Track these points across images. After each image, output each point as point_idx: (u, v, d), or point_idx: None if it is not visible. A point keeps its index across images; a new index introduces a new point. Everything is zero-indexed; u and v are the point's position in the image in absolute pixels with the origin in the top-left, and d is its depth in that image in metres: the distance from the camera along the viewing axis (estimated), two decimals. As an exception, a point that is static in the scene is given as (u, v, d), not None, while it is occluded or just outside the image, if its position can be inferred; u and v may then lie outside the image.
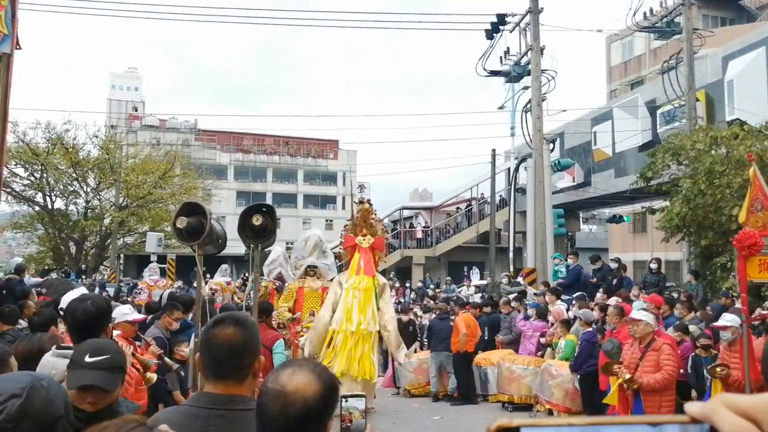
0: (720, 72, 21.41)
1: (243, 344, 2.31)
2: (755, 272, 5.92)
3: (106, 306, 3.82)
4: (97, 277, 28.77)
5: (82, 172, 33.76)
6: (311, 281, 12.19)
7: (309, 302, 12.06)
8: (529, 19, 20.01)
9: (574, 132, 29.05)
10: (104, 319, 3.74)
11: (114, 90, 66.72)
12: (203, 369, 2.35)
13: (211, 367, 2.31)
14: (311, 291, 12.10)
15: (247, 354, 2.32)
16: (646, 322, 7.90)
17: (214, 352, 2.30)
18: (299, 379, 1.87)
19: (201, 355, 2.36)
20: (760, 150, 13.13)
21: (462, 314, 12.79)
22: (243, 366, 2.30)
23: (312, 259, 12.45)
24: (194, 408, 2.28)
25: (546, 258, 19.34)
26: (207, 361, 2.32)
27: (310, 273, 12.30)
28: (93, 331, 3.55)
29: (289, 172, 64.11)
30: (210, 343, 2.31)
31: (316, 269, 12.33)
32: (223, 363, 2.28)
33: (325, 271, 12.54)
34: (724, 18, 38.42)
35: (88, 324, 3.61)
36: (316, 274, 12.31)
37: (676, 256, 25.76)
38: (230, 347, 2.28)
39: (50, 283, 14.61)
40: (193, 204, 4.22)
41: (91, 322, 3.63)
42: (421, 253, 35.95)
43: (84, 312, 3.65)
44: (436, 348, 12.72)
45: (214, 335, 2.32)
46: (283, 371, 1.90)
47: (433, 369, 12.79)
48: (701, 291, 13.56)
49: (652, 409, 7.64)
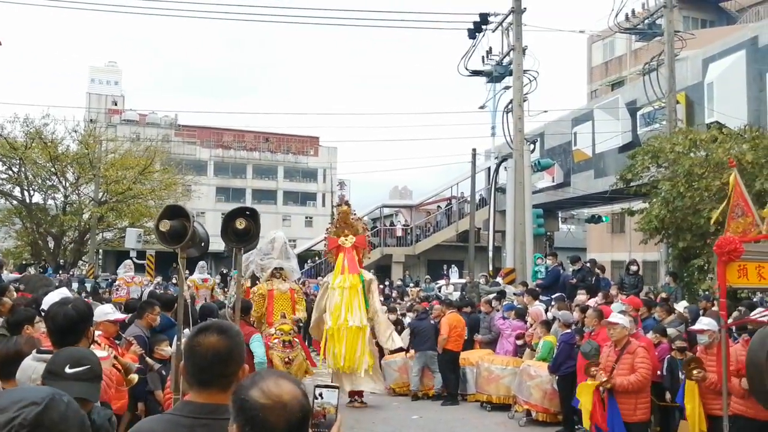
0: (700, 74, 21.62)
1: (227, 352, 2.29)
2: (734, 278, 5.98)
3: (87, 310, 3.78)
4: (75, 272, 28.53)
5: (61, 166, 33.44)
6: (279, 283, 12.00)
7: (279, 304, 11.85)
8: (512, 19, 20.08)
9: (555, 132, 29.23)
10: (85, 323, 3.70)
11: (93, 84, 65.88)
12: (187, 377, 2.33)
13: (194, 374, 2.29)
14: (280, 293, 11.89)
15: (232, 362, 2.30)
16: (623, 325, 7.98)
17: (197, 359, 2.28)
18: (287, 387, 1.87)
19: (185, 363, 2.34)
20: (738, 153, 13.27)
21: (448, 315, 12.83)
22: (227, 374, 2.28)
23: (279, 261, 12.26)
24: (178, 417, 2.27)
25: (525, 258, 19.44)
26: (191, 369, 2.30)
27: (276, 275, 12.12)
28: (74, 335, 3.53)
29: (270, 169, 63.91)
30: (194, 351, 2.30)
31: (283, 271, 12.16)
32: (206, 371, 2.27)
33: (290, 272, 12.39)
34: (704, 20, 38.85)
35: (69, 328, 3.58)
36: (282, 275, 12.13)
37: (654, 257, 26.02)
38: (214, 355, 2.27)
39: (28, 278, 14.45)
40: (176, 207, 4.21)
41: (72, 326, 3.59)
42: (400, 251, 36.04)
43: (65, 316, 3.61)
44: (420, 347, 12.75)
45: (198, 343, 2.30)
46: (265, 383, 1.87)
47: (415, 368, 12.79)
48: (680, 293, 13.70)
49: (628, 410, 7.72)
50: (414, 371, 12.83)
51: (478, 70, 22.51)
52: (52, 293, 4.45)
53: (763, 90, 19.26)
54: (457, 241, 34.95)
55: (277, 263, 12.17)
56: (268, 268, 12.27)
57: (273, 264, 12.19)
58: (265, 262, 12.36)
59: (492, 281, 19.29)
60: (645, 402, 7.90)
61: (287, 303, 11.83)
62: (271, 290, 11.92)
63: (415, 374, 12.82)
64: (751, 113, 19.23)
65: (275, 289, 11.90)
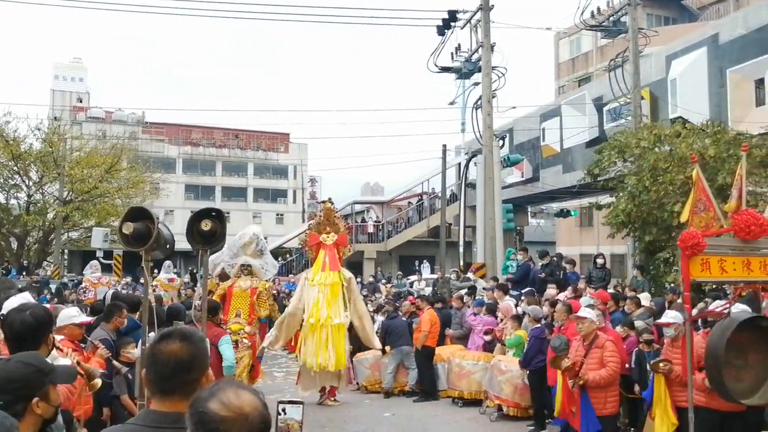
0: (664, 71, 21.95)
1: (190, 359, 2.25)
2: (697, 271, 6.05)
3: (45, 316, 3.69)
4: (40, 273, 28.06)
5: (24, 165, 32.71)
6: (242, 281, 11.70)
7: (236, 302, 11.52)
8: (480, 16, 20.17)
9: (523, 128, 29.48)
10: (43, 330, 3.62)
11: (57, 81, 64.79)
12: (149, 385, 2.28)
13: (156, 382, 2.25)
14: (240, 291, 11.58)
15: (195, 369, 2.26)
16: (591, 319, 8.07)
17: (159, 367, 2.24)
18: (248, 398, 1.83)
19: (147, 371, 2.29)
20: (701, 148, 13.48)
21: (427, 310, 12.85)
22: (190, 381, 2.23)
23: (245, 257, 11.99)
24: (141, 427, 2.23)
25: (495, 253, 19.56)
26: (153, 377, 2.26)
27: (244, 272, 11.83)
28: (32, 342, 3.44)
29: (239, 166, 63.44)
30: (156, 359, 2.25)
31: (250, 268, 11.87)
32: (168, 378, 2.23)
33: (259, 271, 12.04)
34: (667, 17, 39.41)
35: (26, 335, 3.50)
36: (251, 272, 11.85)
37: (622, 250, 26.35)
38: (176, 362, 2.23)
39: (-10, 281, 14.14)
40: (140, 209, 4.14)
41: (29, 333, 3.51)
42: (372, 247, 36.02)
43: (22, 323, 3.53)
44: (396, 344, 12.74)
45: (159, 350, 2.26)
46: (224, 395, 1.82)
47: (391, 365, 12.76)
48: (647, 286, 13.87)
49: (598, 403, 7.81)
50: (389, 368, 12.79)
51: (447, 66, 22.56)
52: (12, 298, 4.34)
53: (724, 86, 19.61)
54: (429, 236, 35.03)
55: (243, 260, 11.92)
56: (235, 265, 12.05)
57: (240, 260, 11.96)
58: (233, 260, 12.13)
59: (463, 276, 19.37)
60: (614, 395, 8.00)
61: (245, 302, 11.52)
62: (231, 287, 11.66)
63: (389, 371, 12.78)
64: (712, 109, 19.57)
65: (236, 287, 11.62)
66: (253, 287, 11.65)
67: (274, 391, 12.94)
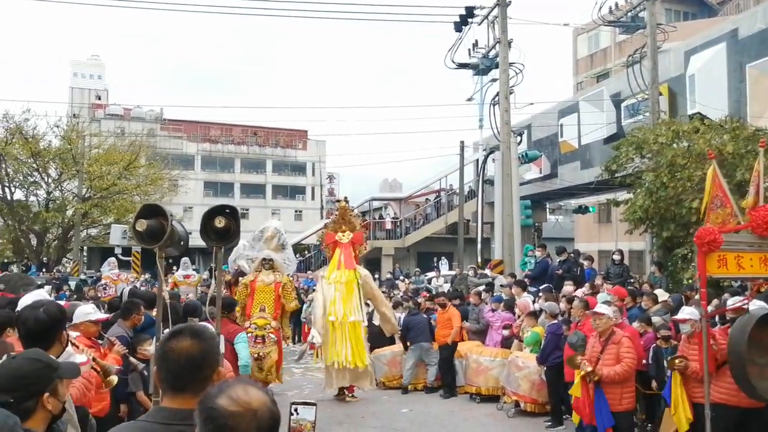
0: (682, 66, 21.73)
1: (201, 356, 2.26)
2: (714, 268, 6.03)
3: (59, 313, 3.70)
4: (59, 269, 28.31)
5: (43, 162, 33.01)
6: (264, 275, 11.63)
7: (260, 297, 11.49)
8: (498, 12, 20.09)
9: (541, 124, 29.35)
10: (57, 327, 3.62)
11: (76, 78, 65.22)
12: (160, 382, 2.29)
13: (168, 380, 2.26)
14: (263, 285, 11.54)
15: (206, 366, 2.27)
16: (608, 316, 8.04)
17: (170, 365, 2.25)
18: (256, 394, 1.83)
19: (158, 368, 2.30)
20: (719, 144, 13.35)
21: (452, 307, 12.86)
22: (201, 378, 2.24)
23: (267, 251, 11.91)
24: (152, 424, 2.23)
25: (513, 249, 19.50)
26: (164, 375, 2.27)
27: (266, 266, 11.75)
28: (46, 340, 3.46)
29: (258, 163, 63.61)
30: (166, 356, 2.26)
31: (272, 262, 11.79)
32: (179, 376, 2.24)
33: (281, 265, 11.96)
34: (686, 12, 39.04)
35: (40, 333, 3.51)
36: (272, 267, 11.77)
37: (640, 246, 26.17)
38: (187, 360, 2.23)
39: (9, 278, 14.26)
40: (153, 206, 4.17)
41: (43, 331, 3.52)
42: (390, 244, 36.04)
43: (36, 321, 3.54)
44: (416, 340, 12.72)
45: (170, 348, 2.26)
46: (233, 391, 1.83)
47: (410, 361, 12.75)
48: (665, 282, 13.77)
49: (614, 400, 7.79)
50: (408, 364, 12.78)
51: (464, 63, 22.54)
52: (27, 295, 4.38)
53: (743, 81, 19.39)
54: (447, 233, 34.99)
55: (265, 254, 11.86)
56: (256, 259, 12.00)
57: (261, 254, 11.90)
58: (255, 254, 12.09)
59: (480, 273, 19.34)
60: (630, 391, 7.98)
61: (269, 296, 11.51)
62: (253, 281, 11.63)
63: (408, 368, 12.77)
64: (731, 104, 19.37)
65: (258, 281, 11.60)
66: (277, 281, 11.65)
67: (293, 387, 13.01)
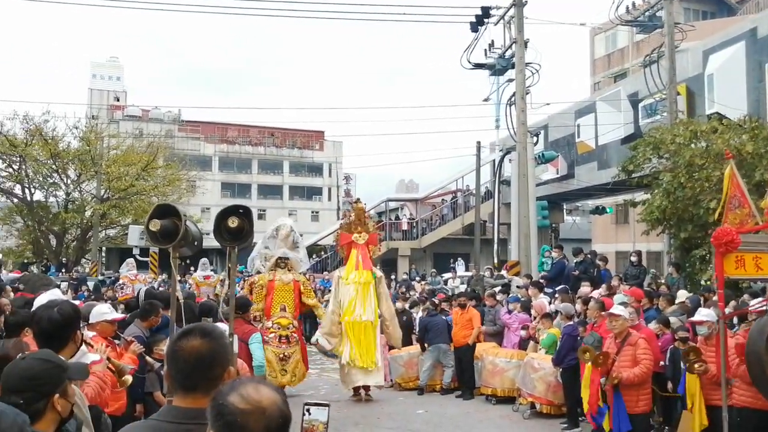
0: (700, 66, 21.54)
1: (211, 355, 2.26)
2: (732, 269, 5.96)
3: (73, 313, 3.71)
4: (78, 271, 28.53)
5: (62, 163, 33.27)
6: (282, 273, 11.58)
7: (280, 296, 11.46)
8: (514, 12, 20.03)
9: (558, 124, 29.21)
10: (71, 327, 3.64)
11: (95, 80, 65.83)
12: (171, 381, 2.30)
13: (178, 379, 2.26)
14: (282, 284, 11.50)
15: (216, 365, 2.27)
16: (624, 317, 7.99)
17: (180, 364, 2.25)
18: (266, 392, 1.83)
19: (168, 368, 2.31)
20: (738, 144, 13.22)
21: (471, 308, 12.80)
22: (211, 377, 2.24)
23: (284, 250, 11.84)
24: (162, 423, 2.24)
25: (530, 250, 19.43)
26: (174, 374, 2.27)
27: (281, 265, 11.68)
28: (60, 339, 3.47)
29: (275, 163, 63.80)
30: (176, 355, 2.26)
31: (288, 261, 11.74)
32: (189, 375, 2.24)
33: (296, 263, 11.95)
34: (704, 11, 38.68)
35: (53, 333, 3.52)
36: (288, 266, 11.72)
37: (658, 247, 25.97)
38: (197, 359, 2.23)
39: (28, 278, 14.41)
40: (166, 206, 4.19)
41: (57, 330, 3.53)
42: (406, 244, 36.02)
43: (50, 320, 3.55)
44: (434, 341, 12.69)
45: (180, 347, 2.27)
46: (244, 388, 1.83)
47: (427, 362, 12.71)
48: (682, 284, 13.66)
49: (630, 401, 7.75)
50: (426, 365, 12.74)
51: (480, 63, 22.49)
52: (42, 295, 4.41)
53: (763, 81, 19.19)
54: (463, 233, 34.92)
55: (281, 252, 11.78)
56: (271, 257, 11.88)
57: (277, 253, 11.80)
58: (270, 253, 11.99)
59: (497, 274, 19.28)
60: (647, 393, 7.93)
61: (289, 295, 11.48)
62: (272, 281, 11.53)
63: (425, 369, 12.72)
64: (750, 104, 19.18)
65: (277, 280, 11.52)
66: (295, 280, 11.62)
67: (309, 388, 13.00)
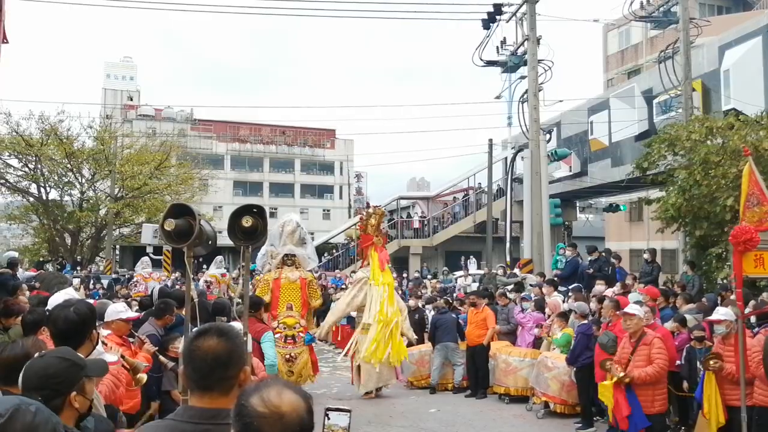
0: (716, 61, 21.36)
1: (227, 355, 2.26)
2: (750, 267, 5.90)
3: (89, 312, 3.73)
4: (92, 269, 28.71)
5: (77, 162, 33.58)
6: (288, 271, 11.29)
7: (286, 295, 11.17)
8: (526, 8, 19.96)
9: (571, 122, 29.04)
10: (87, 326, 3.66)
11: (109, 79, 66.15)
12: (187, 381, 2.29)
13: (195, 379, 2.26)
14: (288, 282, 11.22)
15: (232, 365, 2.27)
16: (639, 316, 7.91)
17: (198, 363, 2.25)
18: (289, 397, 1.81)
19: (185, 367, 2.30)
20: (755, 140, 13.08)
21: (486, 307, 12.72)
22: (228, 377, 2.25)
23: (290, 246, 11.57)
24: (180, 423, 2.24)
25: (543, 248, 19.34)
26: (191, 373, 2.27)
27: (288, 262, 11.39)
28: (76, 338, 3.49)
29: (286, 162, 63.95)
30: (193, 355, 2.27)
31: (294, 258, 11.46)
32: (207, 374, 2.24)
33: (304, 260, 11.68)
34: (720, 6, 38.36)
35: (70, 332, 3.54)
36: (294, 263, 11.44)
37: (673, 245, 25.79)
38: (214, 358, 2.23)
39: (44, 276, 14.53)
40: (181, 205, 4.19)
41: (73, 330, 3.55)
42: (418, 242, 35.98)
43: (66, 320, 3.57)
44: (442, 339, 12.68)
45: (197, 347, 2.27)
46: (267, 391, 1.81)
47: (437, 361, 12.72)
48: (697, 282, 13.55)
49: (646, 401, 7.67)
50: (435, 364, 12.74)
51: (492, 60, 22.42)
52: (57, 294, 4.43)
53: (780, 76, 19.02)
54: (475, 232, 34.80)
55: (287, 249, 11.53)
56: (277, 255, 11.62)
57: (283, 251, 11.54)
58: (275, 250, 11.72)
59: (510, 273, 19.20)
60: (662, 393, 7.86)
61: (296, 293, 11.24)
62: (277, 279, 11.31)
63: (435, 367, 12.72)
64: (767, 100, 18.99)
65: (283, 278, 11.28)
66: (302, 277, 11.38)
67: (321, 386, 13.01)
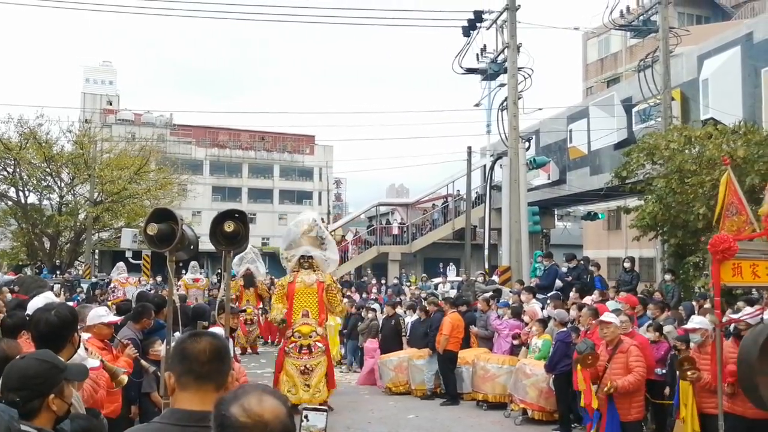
0: (695, 71, 21.58)
1: (224, 349, 2.31)
2: (728, 276, 5.96)
3: (70, 316, 3.73)
4: (71, 272, 28.46)
5: (56, 167, 33.29)
6: (305, 274, 10.38)
7: (302, 300, 10.31)
8: (506, 16, 20.03)
9: (550, 130, 29.20)
10: (68, 329, 3.65)
11: (88, 84, 65.72)
12: (179, 380, 2.26)
13: (193, 370, 2.24)
14: (304, 287, 10.32)
15: (228, 359, 2.32)
16: (615, 324, 7.98)
17: (196, 354, 2.25)
18: (270, 404, 1.78)
19: (176, 367, 2.28)
20: (731, 150, 13.25)
21: (450, 314, 12.54)
22: (223, 371, 2.28)
23: (306, 247, 10.59)
24: (167, 426, 2.22)
25: (521, 256, 19.41)
26: (186, 369, 2.25)
27: (305, 265, 10.46)
28: (57, 342, 3.49)
29: (265, 168, 63.90)
30: (188, 352, 2.27)
31: (311, 260, 10.50)
32: (206, 363, 2.25)
33: (322, 262, 10.71)
34: (699, 16, 38.85)
35: (51, 335, 3.54)
36: (312, 266, 10.50)
37: (650, 254, 26.04)
38: (212, 350, 2.26)
39: (22, 280, 14.41)
40: (164, 210, 4.18)
41: (54, 333, 3.55)
42: (397, 249, 36.00)
43: (47, 323, 3.57)
44: (412, 345, 12.81)
45: (192, 344, 2.29)
46: (247, 400, 1.78)
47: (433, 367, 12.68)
48: (677, 291, 13.66)
49: (623, 409, 7.73)
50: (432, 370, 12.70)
51: (472, 68, 22.43)
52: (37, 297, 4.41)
53: (758, 86, 19.23)
54: (454, 239, 34.88)
55: (303, 250, 10.54)
56: (292, 257, 10.63)
57: (299, 252, 10.56)
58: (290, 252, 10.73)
59: (489, 280, 19.26)
60: (639, 401, 7.93)
61: (313, 299, 10.32)
62: (292, 283, 10.41)
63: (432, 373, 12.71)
64: (746, 109, 19.21)
65: (298, 282, 10.36)
66: (319, 281, 10.48)
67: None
